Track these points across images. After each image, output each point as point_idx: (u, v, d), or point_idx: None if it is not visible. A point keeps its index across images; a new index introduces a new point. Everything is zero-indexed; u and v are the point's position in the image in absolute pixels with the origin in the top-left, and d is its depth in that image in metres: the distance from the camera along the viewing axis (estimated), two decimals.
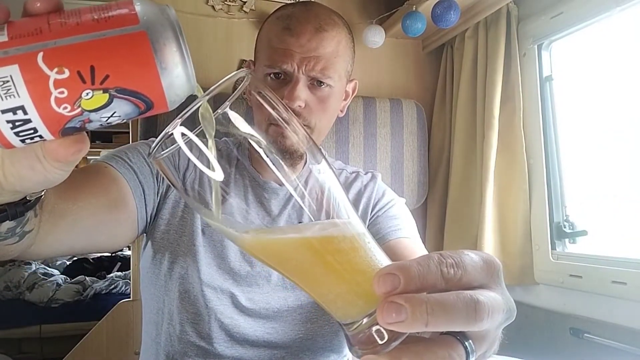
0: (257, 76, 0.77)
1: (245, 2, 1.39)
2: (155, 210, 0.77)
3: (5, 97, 0.25)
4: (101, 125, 0.29)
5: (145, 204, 0.73)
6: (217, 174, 0.30)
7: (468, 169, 1.33)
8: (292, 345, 0.77)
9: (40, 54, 0.25)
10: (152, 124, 1.20)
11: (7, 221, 0.40)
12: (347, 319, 0.30)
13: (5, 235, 0.42)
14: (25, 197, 0.38)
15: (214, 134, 0.30)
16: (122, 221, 0.70)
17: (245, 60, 1.36)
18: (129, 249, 2.08)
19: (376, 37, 1.37)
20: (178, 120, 0.29)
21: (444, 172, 1.43)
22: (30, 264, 3.13)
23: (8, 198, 0.36)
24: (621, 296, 0.97)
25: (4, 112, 0.26)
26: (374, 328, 0.29)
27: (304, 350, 0.77)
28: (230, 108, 0.29)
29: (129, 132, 1.31)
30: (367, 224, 0.84)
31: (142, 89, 0.27)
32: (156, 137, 0.31)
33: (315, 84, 0.75)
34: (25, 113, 0.26)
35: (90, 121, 0.28)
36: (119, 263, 3.35)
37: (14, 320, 2.70)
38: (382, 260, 0.31)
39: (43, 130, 0.27)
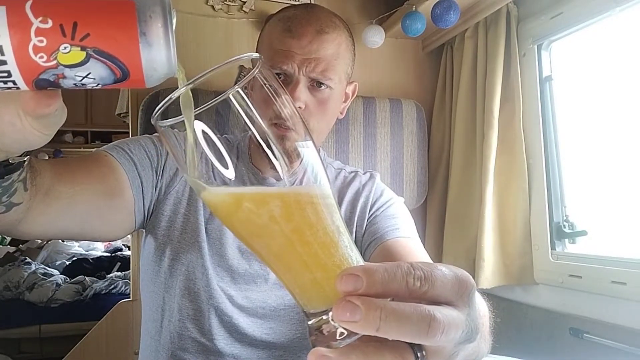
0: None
1: (244, 2, 1.39)
2: (153, 204, 0.78)
3: None
4: (75, 84, 0.30)
5: (143, 196, 0.74)
6: (226, 168, 0.32)
7: (468, 169, 1.33)
8: (290, 344, 0.77)
9: (30, 2, 0.27)
10: (152, 125, 1.19)
11: None
12: (309, 308, 0.31)
13: None
14: (8, 160, 0.39)
15: (193, 117, 0.31)
16: (118, 209, 0.70)
17: None
18: (129, 249, 2.08)
19: (376, 37, 1.37)
20: (184, 89, 0.30)
21: (444, 172, 1.43)
22: (30, 263, 3.14)
23: None
24: (621, 296, 0.97)
25: None
26: (332, 322, 0.29)
27: (303, 350, 0.77)
28: (233, 96, 0.30)
29: (128, 132, 1.31)
30: (365, 224, 0.84)
31: (119, 54, 0.28)
32: None
33: (315, 85, 0.75)
34: (2, 54, 0.27)
35: (64, 77, 0.29)
36: (119, 263, 3.35)
37: (14, 320, 2.70)
38: (353, 255, 0.32)
39: (17, 75, 0.28)
